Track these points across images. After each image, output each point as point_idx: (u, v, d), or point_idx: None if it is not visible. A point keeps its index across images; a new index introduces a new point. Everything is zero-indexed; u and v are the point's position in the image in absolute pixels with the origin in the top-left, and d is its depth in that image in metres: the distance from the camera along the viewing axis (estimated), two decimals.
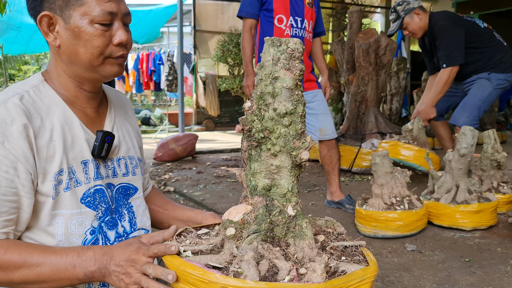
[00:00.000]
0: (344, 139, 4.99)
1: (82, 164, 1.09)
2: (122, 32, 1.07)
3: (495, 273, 2.05)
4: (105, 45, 1.05)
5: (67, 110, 1.09)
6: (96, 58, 1.06)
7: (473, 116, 3.52)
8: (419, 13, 3.60)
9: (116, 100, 1.28)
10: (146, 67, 9.39)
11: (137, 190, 1.24)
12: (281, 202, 0.91)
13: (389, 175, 2.67)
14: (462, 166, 2.73)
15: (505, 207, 3.01)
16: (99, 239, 1.10)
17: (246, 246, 0.84)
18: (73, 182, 1.06)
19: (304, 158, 0.89)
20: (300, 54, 0.90)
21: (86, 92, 1.14)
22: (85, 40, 1.04)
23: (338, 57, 5.68)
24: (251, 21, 3.08)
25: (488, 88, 3.52)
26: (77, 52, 1.05)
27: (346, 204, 3.19)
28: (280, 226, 0.89)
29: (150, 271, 0.89)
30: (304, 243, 0.87)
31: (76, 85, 1.12)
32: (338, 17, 9.29)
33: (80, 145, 1.09)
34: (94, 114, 1.17)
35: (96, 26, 1.03)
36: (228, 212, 0.91)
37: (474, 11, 11.81)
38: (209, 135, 9.84)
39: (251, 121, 0.89)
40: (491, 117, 7.59)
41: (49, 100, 1.07)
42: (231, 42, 9.35)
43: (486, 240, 2.52)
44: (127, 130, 1.27)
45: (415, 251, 2.37)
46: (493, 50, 3.53)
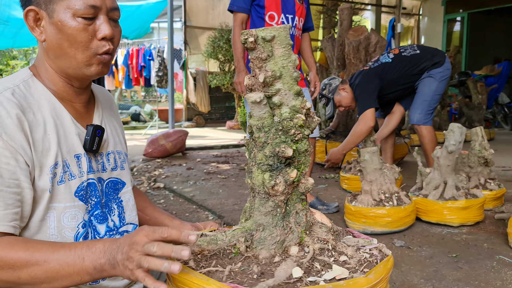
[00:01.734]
0: (334, 136, 5.01)
1: (75, 158, 1.09)
2: (106, 26, 1.04)
3: (481, 268, 2.07)
4: (88, 40, 1.04)
5: (58, 104, 1.09)
6: (81, 53, 1.04)
7: (425, 112, 3.70)
8: (343, 88, 3.83)
9: (101, 96, 1.28)
10: (136, 63, 9.32)
11: (125, 185, 1.24)
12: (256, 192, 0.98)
13: (378, 172, 2.69)
14: (450, 163, 2.76)
15: (491, 204, 3.05)
16: (89, 233, 1.10)
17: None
18: (67, 176, 1.06)
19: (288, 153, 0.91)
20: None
21: (75, 87, 1.13)
22: (68, 34, 1.02)
23: (328, 54, 5.69)
24: (242, 15, 3.04)
25: (434, 83, 3.68)
26: (61, 47, 1.04)
27: (318, 206, 3.14)
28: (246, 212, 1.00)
29: (154, 249, 0.81)
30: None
31: (63, 80, 1.11)
32: (329, 14, 9.31)
33: (72, 139, 1.09)
34: (83, 109, 1.17)
35: (79, 20, 1.02)
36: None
37: (463, 9, 11.92)
38: (200, 131, 9.82)
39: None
40: (479, 115, 7.68)
41: (39, 95, 1.06)
42: (221, 38, 9.32)
43: (473, 236, 2.55)
44: (114, 126, 1.28)
45: (403, 247, 2.40)
46: (415, 63, 3.70)
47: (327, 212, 3.08)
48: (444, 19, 12.21)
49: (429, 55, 3.71)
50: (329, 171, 4.68)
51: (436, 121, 7.09)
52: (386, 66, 3.73)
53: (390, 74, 3.71)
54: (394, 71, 3.72)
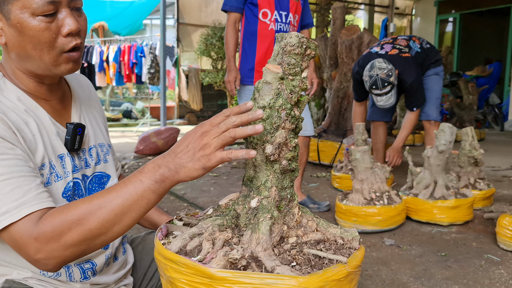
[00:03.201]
0: (326, 134, 5.02)
1: (59, 159, 1.05)
2: (70, 20, 0.96)
3: (470, 267, 2.09)
4: (53, 38, 0.95)
5: (34, 104, 1.03)
6: (47, 53, 0.97)
7: (439, 108, 3.84)
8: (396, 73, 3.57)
9: (77, 86, 1.22)
10: (128, 60, 9.26)
11: (110, 177, 1.21)
12: (253, 194, 0.93)
13: (369, 171, 2.70)
14: (440, 162, 2.78)
15: (481, 203, 3.08)
16: None
17: (201, 224, 0.91)
18: (54, 177, 1.03)
19: (267, 152, 0.89)
20: (293, 48, 0.90)
21: (47, 85, 1.06)
22: (30, 36, 0.94)
23: (321, 53, 5.70)
24: (235, 15, 3.05)
25: (440, 80, 3.81)
26: (26, 49, 0.96)
27: (310, 204, 3.16)
28: (242, 216, 0.92)
29: (232, 119, 0.83)
30: (254, 236, 0.87)
31: (33, 80, 1.04)
32: (322, 13, 9.31)
33: (53, 140, 1.04)
34: (59, 106, 1.11)
35: (39, 18, 0.93)
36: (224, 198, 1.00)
37: (455, 10, 12.00)
38: (191, 128, 9.78)
39: None
40: (470, 115, 7.74)
41: (13, 96, 1.00)
42: (214, 36, 9.29)
43: (462, 235, 2.57)
44: (94, 117, 1.22)
45: (393, 245, 2.41)
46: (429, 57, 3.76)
47: (318, 210, 3.09)
48: (436, 19, 12.28)
49: (434, 51, 3.80)
50: (321, 169, 4.69)
51: None
52: (419, 56, 3.68)
53: (420, 65, 3.69)
54: (421, 62, 3.70)
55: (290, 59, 0.91)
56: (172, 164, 0.86)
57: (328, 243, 0.93)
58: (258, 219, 0.89)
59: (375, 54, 3.68)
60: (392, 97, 3.49)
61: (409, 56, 3.60)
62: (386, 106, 3.55)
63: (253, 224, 0.89)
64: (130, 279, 1.27)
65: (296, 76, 0.92)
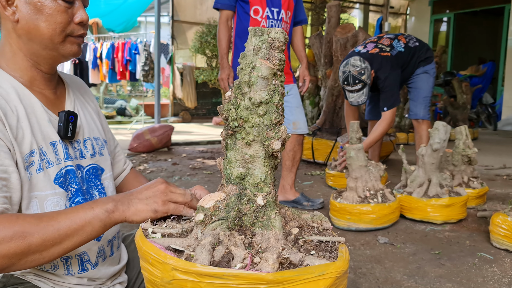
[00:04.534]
0: (321, 132, 5.02)
1: (51, 146, 1.07)
2: (83, 12, 1.08)
3: (463, 265, 2.10)
4: (67, 22, 1.05)
5: (26, 92, 1.06)
6: (58, 34, 1.05)
7: (427, 107, 3.82)
8: (372, 73, 3.59)
9: (72, 83, 1.26)
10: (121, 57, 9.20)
11: (104, 171, 1.22)
12: (253, 192, 0.91)
13: (363, 169, 2.70)
14: (434, 161, 2.78)
15: (474, 202, 3.09)
16: None
17: (208, 231, 0.85)
18: (45, 163, 1.04)
19: (276, 148, 0.88)
20: (280, 44, 0.89)
21: (43, 73, 1.11)
22: (48, 14, 1.03)
23: (316, 51, 5.70)
24: (227, 12, 3.04)
25: (430, 79, 3.78)
26: (38, 27, 1.03)
27: (304, 202, 3.15)
28: (248, 215, 0.89)
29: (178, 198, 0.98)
30: (271, 233, 0.87)
31: (32, 64, 1.08)
32: (317, 11, 9.31)
33: (45, 127, 1.07)
34: (53, 96, 1.14)
35: (59, 2, 1.03)
36: (203, 199, 0.91)
37: (449, 10, 12.05)
38: (186, 126, 9.76)
39: (227, 109, 0.89)
40: (464, 114, 7.77)
41: (6, 84, 1.03)
42: (209, 34, 9.27)
43: (456, 233, 2.58)
44: (88, 112, 1.26)
45: (387, 243, 2.41)
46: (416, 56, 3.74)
47: (312, 208, 3.09)
48: (430, 19, 12.33)
49: (424, 49, 3.77)
50: (315, 168, 4.69)
51: None
52: (402, 55, 3.66)
53: (402, 65, 3.66)
54: (405, 62, 3.68)
55: (280, 55, 0.90)
56: (127, 200, 0.94)
57: (307, 228, 0.96)
58: (269, 216, 0.88)
59: (357, 53, 3.70)
60: (363, 95, 3.54)
61: (388, 55, 3.61)
62: (357, 103, 3.60)
63: (263, 221, 0.88)
64: (124, 276, 1.27)
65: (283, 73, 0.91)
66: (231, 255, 0.81)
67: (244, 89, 0.88)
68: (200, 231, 0.87)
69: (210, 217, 0.88)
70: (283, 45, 0.89)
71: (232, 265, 0.79)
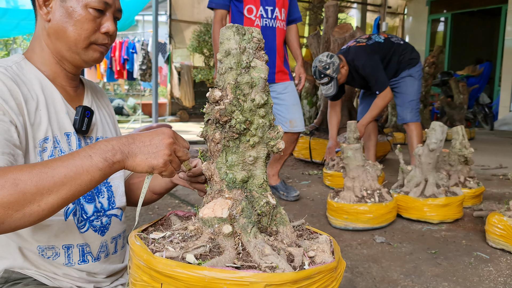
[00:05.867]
0: (318, 132, 5.03)
1: (65, 136, 1.12)
2: (110, 23, 1.14)
3: (459, 265, 2.11)
4: (93, 30, 1.12)
5: (49, 84, 1.13)
6: (83, 40, 1.11)
7: (415, 110, 3.84)
8: (343, 65, 3.77)
9: (92, 87, 1.33)
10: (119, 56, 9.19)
11: None
12: (260, 193, 0.91)
13: (360, 169, 2.71)
14: (431, 160, 2.80)
15: (471, 201, 3.11)
16: (77, 210, 1.12)
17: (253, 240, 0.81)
18: (58, 151, 1.08)
19: (281, 148, 0.90)
20: (263, 45, 0.90)
21: (66, 71, 1.17)
22: (76, 20, 1.10)
23: (314, 50, 5.70)
24: (221, 11, 3.06)
25: (415, 82, 3.82)
26: (66, 30, 1.11)
27: (281, 190, 3.29)
28: (266, 216, 0.90)
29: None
30: (287, 228, 0.88)
31: (56, 62, 1.15)
32: (315, 11, 9.32)
33: (62, 118, 1.13)
34: (73, 93, 1.21)
35: (90, 10, 1.10)
36: (210, 209, 0.86)
37: (447, 10, 12.07)
38: (183, 126, 9.76)
39: (230, 111, 0.86)
40: (460, 114, 7.80)
41: (31, 75, 1.10)
42: (207, 33, 9.27)
43: (452, 232, 2.59)
44: (103, 114, 1.32)
45: (384, 243, 2.42)
46: (398, 53, 3.81)
47: (286, 199, 3.21)
48: (428, 19, 12.36)
49: (409, 49, 3.84)
50: (313, 167, 4.70)
51: None
52: (380, 45, 3.77)
53: (381, 54, 3.75)
54: (384, 53, 3.77)
55: (265, 56, 0.91)
56: (127, 149, 0.88)
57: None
58: (281, 213, 0.90)
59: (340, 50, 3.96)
60: (331, 88, 3.76)
61: (363, 45, 3.77)
62: (327, 95, 3.84)
63: (278, 219, 0.90)
64: (127, 278, 1.28)
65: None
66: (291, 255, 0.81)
67: (245, 90, 0.87)
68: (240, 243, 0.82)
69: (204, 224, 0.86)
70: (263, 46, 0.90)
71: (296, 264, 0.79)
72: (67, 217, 1.09)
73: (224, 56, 0.87)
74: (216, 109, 0.88)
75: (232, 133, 0.88)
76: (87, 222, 1.14)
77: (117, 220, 1.24)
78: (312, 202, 3.29)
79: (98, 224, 1.17)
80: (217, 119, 0.88)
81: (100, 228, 1.18)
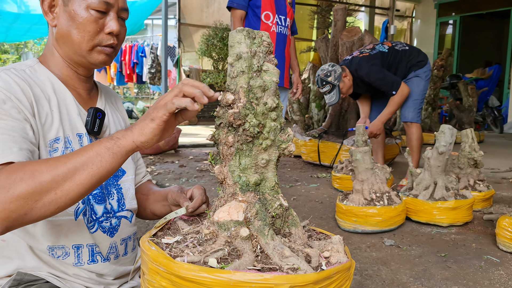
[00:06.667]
0: (327, 135, 5.04)
1: (77, 137, 1.14)
2: (114, 23, 1.13)
3: (469, 268, 2.11)
4: (96, 31, 1.12)
5: (62, 86, 1.15)
6: (86, 42, 1.12)
7: (417, 110, 3.83)
8: (346, 75, 3.81)
9: (106, 91, 1.35)
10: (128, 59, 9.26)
11: (125, 173, 1.28)
12: (272, 195, 0.92)
13: (369, 171, 2.72)
14: (440, 163, 2.80)
15: (480, 205, 3.10)
16: (87, 210, 1.14)
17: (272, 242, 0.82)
18: (69, 151, 1.09)
19: (292, 150, 0.91)
20: (272, 49, 0.91)
21: (78, 74, 1.19)
22: (79, 23, 1.11)
23: (322, 54, 5.72)
24: (241, 12, 3.19)
25: (421, 82, 3.82)
26: (70, 33, 1.12)
27: None
28: (280, 218, 0.91)
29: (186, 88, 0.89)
30: (298, 230, 0.89)
31: (67, 65, 1.17)
32: (323, 15, 9.34)
33: (74, 119, 1.14)
34: (86, 96, 1.23)
35: (91, 12, 1.11)
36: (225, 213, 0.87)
37: (455, 12, 12.02)
38: (192, 129, 9.80)
39: (244, 115, 0.87)
40: (470, 117, 7.75)
41: (44, 77, 1.13)
42: (215, 36, 9.31)
43: (462, 236, 2.59)
44: (117, 117, 1.33)
45: (393, 245, 2.43)
46: (405, 60, 3.83)
47: None
48: (436, 22, 12.31)
49: (415, 53, 3.85)
50: (321, 170, 4.71)
51: (427, 123, 7.15)
52: (383, 55, 3.79)
53: (385, 63, 3.78)
54: (389, 62, 3.80)
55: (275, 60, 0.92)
56: (134, 125, 0.91)
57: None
58: (293, 215, 0.91)
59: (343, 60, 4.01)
60: (334, 96, 3.79)
61: (366, 55, 3.80)
62: (331, 103, 3.84)
63: (290, 221, 0.91)
64: (137, 281, 1.28)
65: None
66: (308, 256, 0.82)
67: (258, 93, 0.88)
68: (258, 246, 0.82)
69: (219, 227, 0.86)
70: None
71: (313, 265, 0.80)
72: (77, 216, 1.11)
73: (236, 59, 0.88)
74: (230, 113, 0.88)
75: (245, 137, 0.89)
76: (96, 222, 1.16)
77: (127, 222, 1.25)
78: (321, 205, 3.29)
79: (107, 225, 1.18)
80: (230, 123, 0.89)
81: (109, 229, 1.19)
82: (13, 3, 7.93)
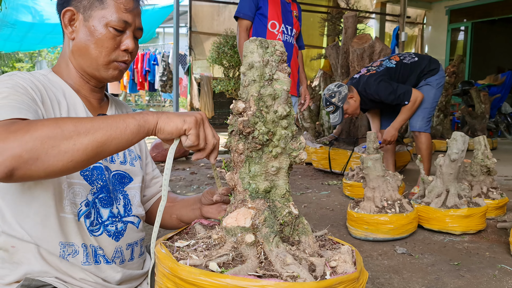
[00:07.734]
0: (337, 142, 5.03)
1: None
2: (130, 41, 1.21)
3: (483, 277, 2.08)
4: (113, 48, 1.19)
5: (73, 93, 1.21)
6: (103, 57, 1.18)
7: (426, 119, 3.79)
8: (352, 96, 3.82)
9: (117, 103, 1.40)
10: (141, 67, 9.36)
11: (132, 180, 1.30)
12: (282, 203, 0.92)
13: (381, 179, 2.71)
14: (452, 171, 2.77)
15: (494, 213, 3.06)
16: (92, 213, 1.16)
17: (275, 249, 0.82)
18: None
19: (304, 158, 0.91)
20: (286, 58, 0.92)
21: (90, 85, 1.25)
22: (97, 39, 1.17)
23: (332, 61, 5.72)
24: (247, 22, 3.27)
25: (432, 90, 3.78)
26: (88, 47, 1.18)
27: None
28: (289, 225, 0.91)
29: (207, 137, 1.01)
30: (309, 238, 0.90)
31: (80, 76, 1.23)
32: (333, 22, 9.34)
33: None
34: (96, 104, 1.28)
35: (110, 29, 1.17)
36: (233, 219, 0.88)
37: (467, 19, 11.95)
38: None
39: (253, 123, 0.88)
40: (482, 124, 7.68)
41: (56, 86, 1.19)
42: (226, 44, 9.34)
43: (475, 244, 2.56)
44: None
45: (405, 254, 2.41)
46: (416, 71, 3.80)
47: None
48: (448, 28, 12.24)
49: (426, 62, 3.81)
50: (332, 177, 4.69)
51: (439, 130, 7.09)
52: (391, 71, 3.78)
53: (394, 79, 3.76)
54: (398, 76, 3.78)
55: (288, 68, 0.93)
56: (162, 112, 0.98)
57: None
58: (303, 223, 0.91)
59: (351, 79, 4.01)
60: (337, 116, 3.83)
61: (373, 73, 3.79)
62: (334, 123, 3.88)
63: (300, 229, 0.91)
64: (145, 287, 1.29)
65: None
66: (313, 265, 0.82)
67: (268, 102, 0.89)
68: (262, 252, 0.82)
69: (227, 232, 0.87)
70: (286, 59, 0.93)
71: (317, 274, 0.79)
72: (79, 218, 1.13)
73: (248, 69, 0.90)
74: (239, 121, 0.90)
75: (255, 144, 0.90)
76: (102, 226, 1.17)
77: (134, 228, 1.26)
78: (332, 212, 3.28)
79: (112, 229, 1.19)
80: (240, 130, 0.90)
81: (115, 233, 1.20)
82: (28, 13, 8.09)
